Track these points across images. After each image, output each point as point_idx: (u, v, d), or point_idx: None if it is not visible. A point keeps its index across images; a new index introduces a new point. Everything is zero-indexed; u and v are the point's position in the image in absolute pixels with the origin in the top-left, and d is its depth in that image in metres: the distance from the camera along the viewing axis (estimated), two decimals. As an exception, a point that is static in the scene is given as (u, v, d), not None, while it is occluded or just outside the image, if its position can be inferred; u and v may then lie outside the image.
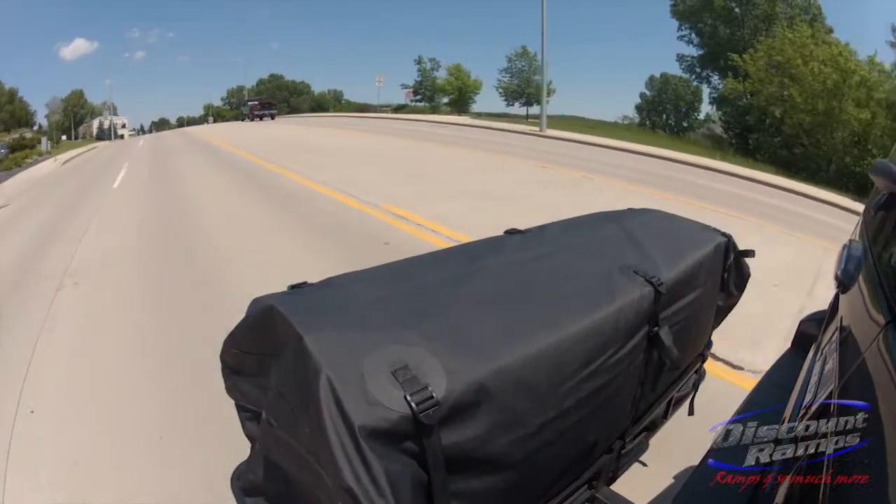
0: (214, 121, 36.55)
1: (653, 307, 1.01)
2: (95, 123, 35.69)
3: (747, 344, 2.52)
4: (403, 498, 0.60)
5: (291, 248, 4.31)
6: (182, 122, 40.05)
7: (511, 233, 1.30)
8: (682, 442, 1.43)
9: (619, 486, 1.14)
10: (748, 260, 1.43)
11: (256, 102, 29.79)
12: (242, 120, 30.34)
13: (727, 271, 1.36)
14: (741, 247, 1.41)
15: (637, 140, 16.03)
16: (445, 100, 30.03)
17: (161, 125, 40.37)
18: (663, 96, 24.94)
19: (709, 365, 1.66)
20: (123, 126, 36.07)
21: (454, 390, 0.67)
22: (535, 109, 24.70)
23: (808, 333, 1.31)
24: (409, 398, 0.63)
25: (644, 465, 1.38)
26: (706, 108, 23.88)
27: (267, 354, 0.78)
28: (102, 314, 3.22)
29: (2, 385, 2.38)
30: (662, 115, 25.14)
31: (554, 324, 0.85)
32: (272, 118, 28.28)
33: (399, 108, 32.23)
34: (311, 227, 5.01)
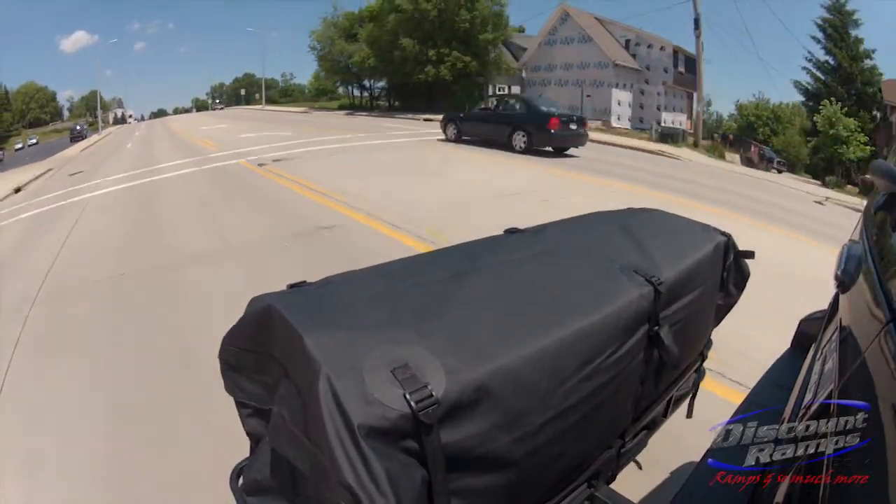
0: (197, 110, 51.06)
1: (653, 306, 1.00)
2: (111, 115, 54.00)
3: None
4: (404, 496, 0.60)
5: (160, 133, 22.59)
6: (177, 111, 53.85)
7: (511, 232, 1.30)
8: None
9: (617, 485, 1.14)
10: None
11: (191, 108, 58.42)
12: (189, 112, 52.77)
13: (727, 271, 1.35)
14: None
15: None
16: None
17: (159, 114, 53.46)
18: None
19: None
20: (130, 116, 54.62)
21: (454, 389, 0.67)
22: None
23: (808, 333, 1.31)
24: (408, 397, 0.63)
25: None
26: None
27: (265, 353, 0.78)
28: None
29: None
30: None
31: (554, 323, 0.84)
32: (195, 112, 49.90)
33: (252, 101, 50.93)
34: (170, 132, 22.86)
